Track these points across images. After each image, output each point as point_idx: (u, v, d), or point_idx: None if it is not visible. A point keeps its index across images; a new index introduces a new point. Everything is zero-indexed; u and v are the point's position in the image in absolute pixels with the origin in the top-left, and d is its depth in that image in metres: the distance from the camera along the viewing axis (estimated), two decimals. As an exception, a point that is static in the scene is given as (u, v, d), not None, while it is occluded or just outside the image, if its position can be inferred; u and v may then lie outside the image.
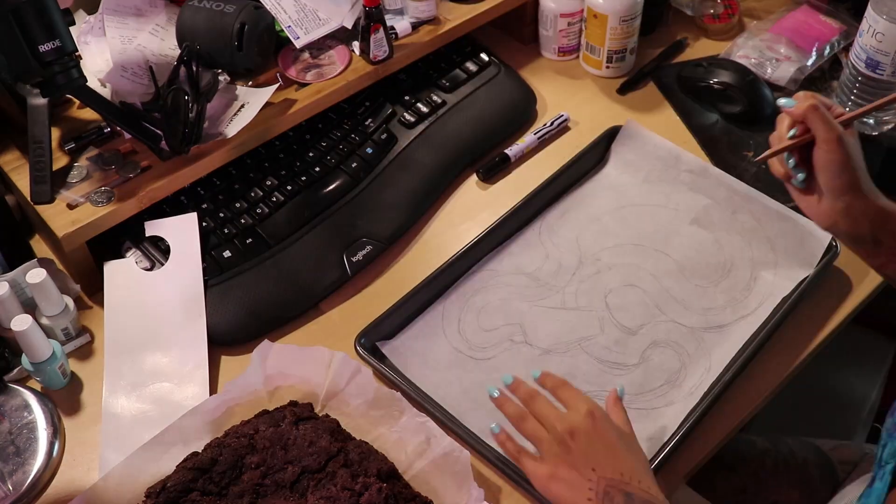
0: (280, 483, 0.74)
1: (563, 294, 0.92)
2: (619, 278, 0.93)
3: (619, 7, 1.10)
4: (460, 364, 0.86)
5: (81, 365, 0.88)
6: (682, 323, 0.89)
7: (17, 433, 0.81)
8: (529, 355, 0.87)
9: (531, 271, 0.94)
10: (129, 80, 0.96)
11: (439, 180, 1.03)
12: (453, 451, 0.74)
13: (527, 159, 1.08)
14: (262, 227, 0.95)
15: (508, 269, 0.94)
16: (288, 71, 1.02)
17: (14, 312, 0.82)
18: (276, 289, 0.91)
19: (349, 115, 1.06)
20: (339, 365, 0.81)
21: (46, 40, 0.79)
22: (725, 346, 0.86)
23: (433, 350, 0.87)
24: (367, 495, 0.72)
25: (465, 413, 0.82)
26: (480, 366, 0.86)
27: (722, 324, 0.88)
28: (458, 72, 1.12)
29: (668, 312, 0.90)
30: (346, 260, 0.94)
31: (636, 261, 0.95)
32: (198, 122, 0.89)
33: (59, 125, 0.96)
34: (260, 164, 1.00)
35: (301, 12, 1.01)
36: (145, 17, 1.01)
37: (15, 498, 0.76)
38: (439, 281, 0.92)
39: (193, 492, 0.73)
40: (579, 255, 0.95)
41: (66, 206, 0.88)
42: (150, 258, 0.92)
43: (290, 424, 0.77)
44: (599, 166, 1.05)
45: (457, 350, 0.87)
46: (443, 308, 0.91)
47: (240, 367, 0.86)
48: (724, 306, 0.90)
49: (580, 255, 0.95)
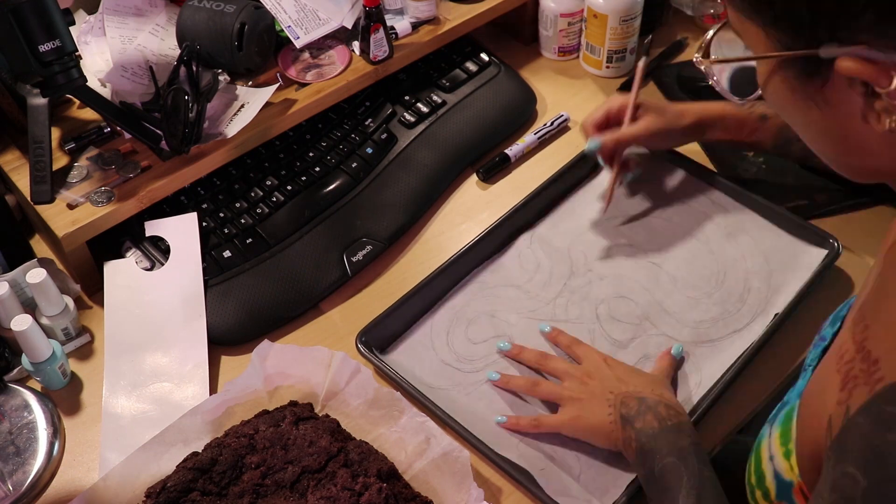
0: (280, 483, 0.74)
1: (553, 306, 0.91)
2: (610, 290, 0.91)
3: (619, 7, 1.10)
4: (448, 377, 0.85)
5: (81, 365, 0.88)
6: (674, 337, 0.87)
7: (17, 433, 0.81)
8: (519, 368, 0.85)
9: (522, 283, 0.93)
10: (129, 80, 0.96)
11: (439, 180, 1.03)
12: (453, 451, 0.74)
13: (527, 159, 1.08)
14: (263, 226, 0.95)
15: (499, 281, 0.93)
16: (288, 71, 1.02)
17: (14, 312, 0.82)
18: (276, 289, 0.91)
19: (349, 115, 1.06)
20: (338, 365, 0.81)
21: (46, 40, 0.79)
22: (716, 362, 0.85)
23: (422, 363, 0.86)
24: (367, 495, 0.72)
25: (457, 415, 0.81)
26: (469, 378, 0.85)
27: (713, 338, 0.87)
28: (458, 72, 1.12)
29: (659, 325, 0.88)
30: (346, 260, 0.94)
31: (628, 272, 0.93)
32: (198, 122, 0.89)
33: (59, 125, 0.96)
34: (260, 164, 1.00)
35: (301, 12, 1.01)
36: (145, 17, 1.01)
37: (15, 498, 0.76)
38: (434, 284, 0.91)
39: (193, 492, 0.73)
40: (570, 266, 0.94)
41: (66, 206, 0.88)
42: (150, 258, 0.92)
43: (290, 424, 0.77)
44: (593, 175, 1.04)
45: (445, 363, 0.86)
46: (432, 321, 0.89)
47: (240, 367, 0.86)
48: (716, 319, 0.88)
49: (571, 266, 0.94)
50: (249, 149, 0.96)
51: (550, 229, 0.98)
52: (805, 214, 0.96)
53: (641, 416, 0.73)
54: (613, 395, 0.76)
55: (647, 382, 0.78)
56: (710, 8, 1.23)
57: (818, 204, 0.99)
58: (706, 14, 1.24)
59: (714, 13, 1.23)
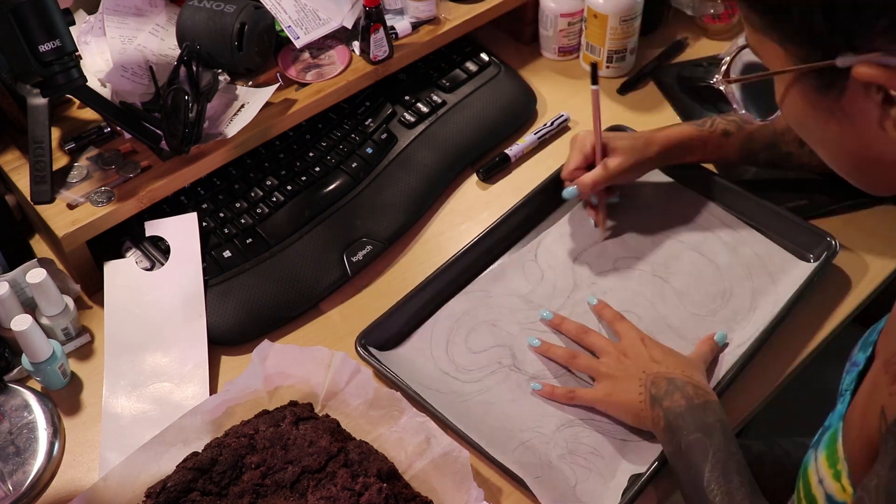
0: (280, 483, 0.74)
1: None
2: (614, 303, 0.90)
3: (619, 7, 1.10)
4: (446, 385, 0.84)
5: (81, 365, 0.88)
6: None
7: (17, 433, 0.81)
8: (517, 380, 0.85)
9: (525, 293, 0.92)
10: (129, 80, 0.96)
11: (439, 180, 1.03)
12: (453, 451, 0.74)
13: (527, 159, 1.08)
14: (262, 226, 0.95)
15: (501, 291, 0.92)
16: (288, 71, 1.02)
17: (14, 312, 0.82)
18: (276, 289, 0.91)
19: (349, 115, 1.06)
20: (338, 365, 0.81)
21: (46, 40, 0.79)
22: (718, 376, 0.84)
23: (420, 370, 0.85)
24: (368, 495, 0.72)
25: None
26: (466, 388, 0.84)
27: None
28: (458, 72, 1.12)
29: (662, 341, 0.86)
30: (346, 260, 0.94)
31: (633, 286, 0.92)
32: (198, 122, 0.89)
33: (59, 125, 0.96)
34: (260, 164, 1.00)
35: (301, 12, 1.01)
36: (145, 17, 1.01)
37: (15, 498, 0.76)
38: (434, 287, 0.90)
39: (193, 492, 0.73)
40: (574, 279, 0.93)
41: (66, 206, 0.88)
42: (150, 258, 0.92)
43: (290, 424, 0.77)
44: None
45: (444, 372, 0.85)
46: (432, 328, 0.89)
47: (240, 367, 0.86)
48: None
49: (575, 279, 0.93)
50: (249, 149, 0.96)
51: (555, 241, 0.97)
52: (805, 214, 0.96)
53: (669, 396, 0.76)
54: (646, 375, 0.79)
55: (680, 364, 0.80)
56: (710, 8, 1.23)
57: (818, 204, 0.99)
58: (706, 14, 1.24)
59: (714, 13, 1.23)
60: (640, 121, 1.11)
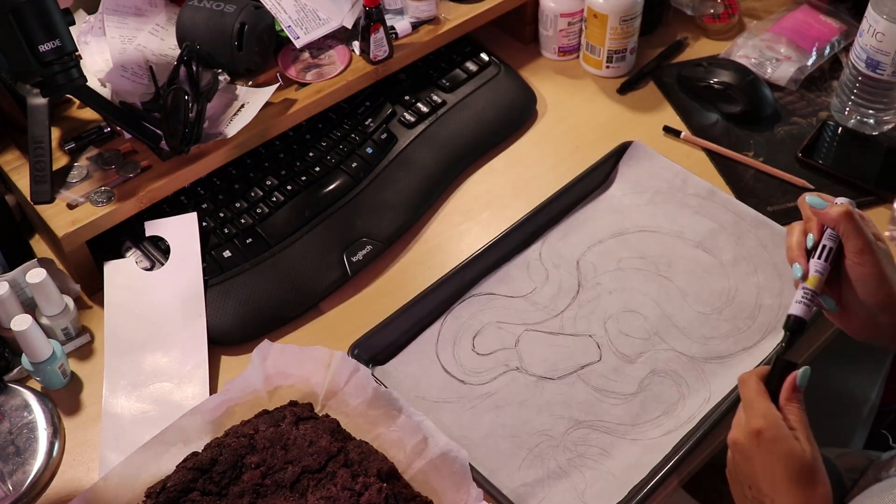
0: (280, 483, 0.74)
1: (561, 319, 0.90)
2: (619, 303, 0.90)
3: (619, 7, 1.10)
4: (454, 389, 0.84)
5: (81, 365, 0.88)
6: (683, 352, 0.86)
7: (17, 433, 0.81)
8: (524, 382, 0.85)
9: (529, 293, 0.92)
10: (129, 80, 0.97)
11: (439, 180, 1.03)
12: (450, 451, 0.74)
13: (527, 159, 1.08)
14: (262, 226, 0.95)
15: (506, 292, 0.92)
16: (288, 71, 1.02)
17: (14, 312, 0.82)
18: (276, 289, 0.91)
19: (349, 115, 1.06)
20: (338, 364, 0.81)
21: (46, 40, 0.79)
22: (726, 378, 0.83)
23: (426, 374, 0.85)
24: (368, 495, 0.72)
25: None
26: (474, 391, 0.84)
27: (723, 354, 0.86)
28: (458, 72, 1.12)
29: (668, 340, 0.87)
30: (346, 260, 0.94)
31: (638, 285, 0.92)
32: (198, 121, 0.89)
33: (59, 125, 0.96)
34: (260, 164, 1.00)
35: (301, 12, 1.01)
36: (145, 16, 1.01)
37: (15, 498, 0.76)
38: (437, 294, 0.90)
39: (193, 492, 0.73)
40: (579, 279, 0.93)
41: (66, 205, 0.88)
42: (150, 258, 0.92)
43: (290, 424, 0.77)
44: (604, 187, 1.02)
45: (450, 375, 0.85)
46: (438, 331, 0.89)
47: (240, 367, 0.86)
48: (726, 336, 0.87)
49: (580, 279, 0.93)
50: (249, 149, 0.97)
51: (559, 240, 0.97)
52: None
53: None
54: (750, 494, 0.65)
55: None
56: (710, 8, 1.23)
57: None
58: (706, 14, 1.24)
59: (714, 13, 1.23)
60: (640, 120, 1.12)
